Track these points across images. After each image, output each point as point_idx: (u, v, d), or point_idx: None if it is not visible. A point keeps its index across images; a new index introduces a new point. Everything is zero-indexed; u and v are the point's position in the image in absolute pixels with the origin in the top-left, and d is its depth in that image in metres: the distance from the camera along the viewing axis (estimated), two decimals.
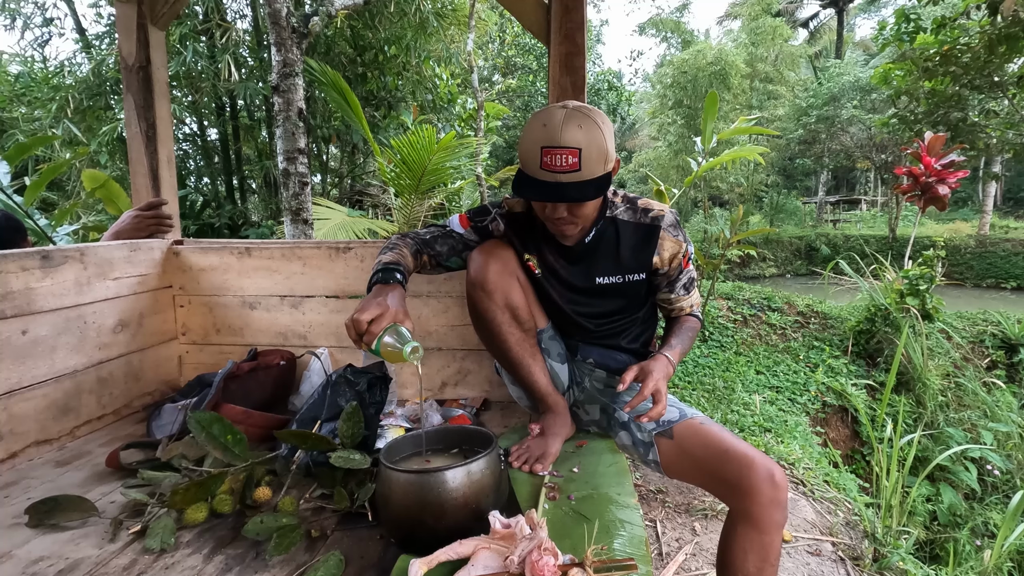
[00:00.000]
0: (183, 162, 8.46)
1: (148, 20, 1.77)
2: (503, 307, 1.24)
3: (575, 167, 1.05)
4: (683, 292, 1.35)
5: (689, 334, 1.36)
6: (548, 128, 1.06)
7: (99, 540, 0.97)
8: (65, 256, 1.40)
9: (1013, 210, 20.25)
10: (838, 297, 5.93)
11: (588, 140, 1.06)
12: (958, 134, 8.60)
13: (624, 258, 1.25)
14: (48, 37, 9.85)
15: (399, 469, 0.90)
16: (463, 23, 7.67)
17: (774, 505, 1.02)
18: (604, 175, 1.10)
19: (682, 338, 1.32)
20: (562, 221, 1.15)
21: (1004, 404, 3.86)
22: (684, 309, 1.37)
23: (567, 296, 1.31)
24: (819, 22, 23.99)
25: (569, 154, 1.04)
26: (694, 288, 1.38)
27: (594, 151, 1.06)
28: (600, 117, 1.10)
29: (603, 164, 1.09)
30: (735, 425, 3.21)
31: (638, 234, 1.25)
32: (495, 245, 1.28)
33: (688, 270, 1.34)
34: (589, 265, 1.27)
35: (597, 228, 1.24)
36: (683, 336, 1.33)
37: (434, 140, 4.49)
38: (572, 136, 1.05)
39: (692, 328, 1.37)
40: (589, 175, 1.07)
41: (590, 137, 1.06)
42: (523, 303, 1.28)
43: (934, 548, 2.95)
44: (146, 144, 1.81)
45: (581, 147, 1.05)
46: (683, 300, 1.37)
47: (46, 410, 1.36)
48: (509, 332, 1.26)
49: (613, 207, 1.26)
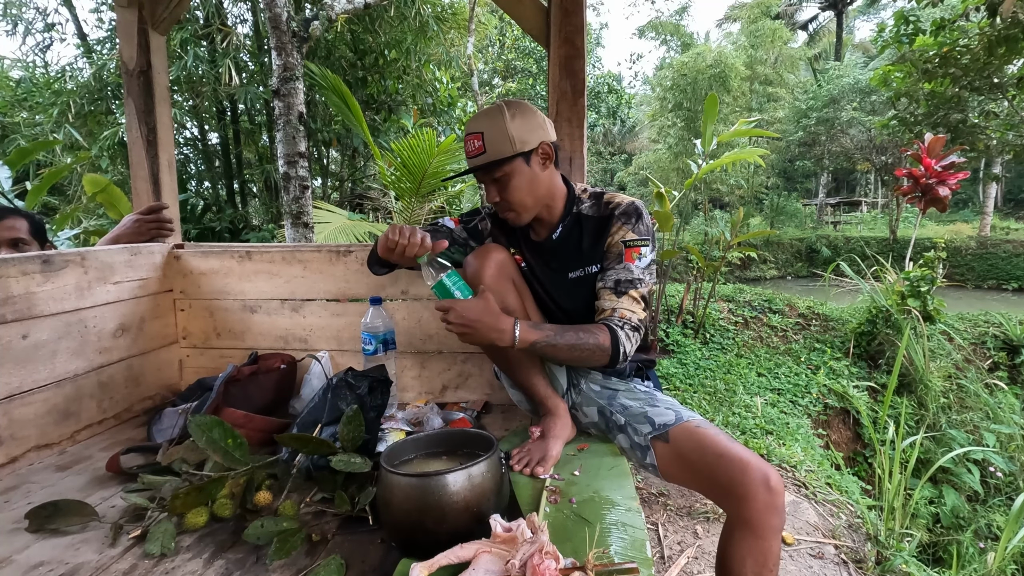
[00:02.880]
0: (184, 166, 8.47)
1: (149, 25, 1.78)
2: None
3: (480, 150, 1.20)
4: (611, 287, 1.22)
5: (579, 334, 1.15)
6: (469, 122, 1.24)
7: (99, 545, 0.97)
8: (66, 260, 1.40)
9: (1014, 211, 20.24)
10: (839, 299, 5.92)
11: (489, 125, 1.19)
12: (958, 136, 8.60)
13: (585, 251, 1.29)
14: (49, 42, 9.89)
15: (400, 473, 0.90)
16: (463, 27, 7.70)
17: (770, 510, 1.00)
18: (513, 155, 1.20)
19: (564, 330, 1.16)
20: (499, 207, 1.27)
21: (1006, 406, 3.85)
22: (604, 311, 1.21)
23: (548, 291, 1.35)
24: (818, 24, 24.04)
25: (474, 139, 1.21)
26: (628, 294, 1.21)
27: (495, 134, 1.19)
28: (515, 107, 1.21)
29: (508, 145, 1.19)
30: (736, 427, 3.20)
31: (598, 226, 1.28)
32: (490, 249, 1.30)
33: (628, 266, 1.22)
34: (560, 261, 1.31)
35: (564, 224, 1.31)
36: (567, 330, 1.16)
37: (434, 143, 4.50)
38: (475, 124, 1.21)
39: (588, 334, 1.16)
40: (495, 155, 1.19)
41: (492, 123, 1.19)
42: (519, 306, 1.29)
43: (937, 551, 2.94)
44: (147, 148, 1.81)
45: (483, 131, 1.20)
46: (607, 298, 1.22)
47: (47, 414, 1.36)
48: None
49: (580, 203, 1.32)
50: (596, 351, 1.16)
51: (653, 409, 1.21)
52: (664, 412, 1.19)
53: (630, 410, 1.25)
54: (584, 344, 1.15)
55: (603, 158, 23.90)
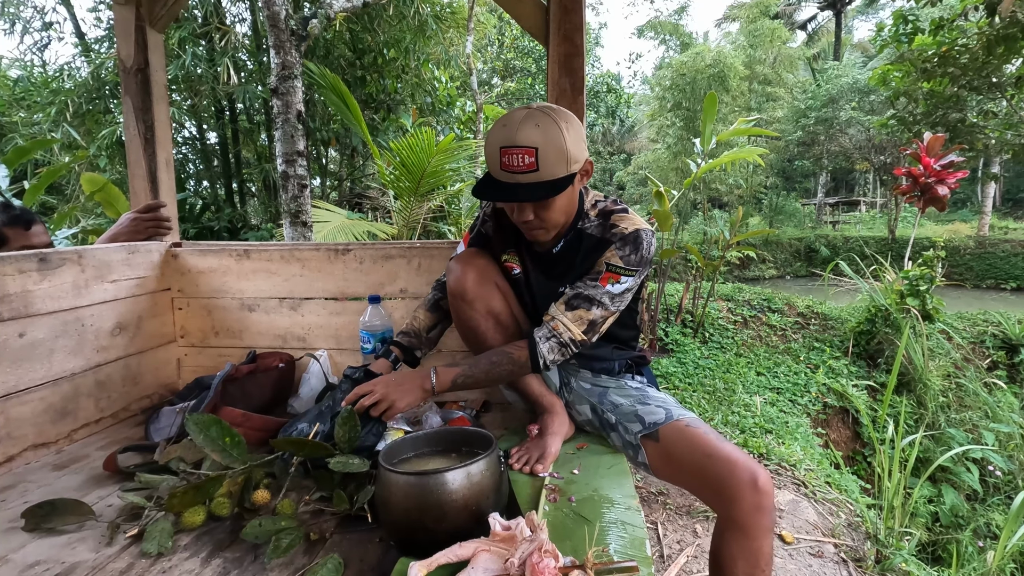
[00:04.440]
0: (183, 165, 8.46)
1: (146, 23, 1.77)
2: (485, 315, 1.25)
3: (532, 167, 1.04)
4: (566, 299, 1.18)
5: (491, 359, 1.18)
6: (507, 128, 1.06)
7: (96, 544, 0.96)
8: (63, 259, 1.40)
9: (1012, 211, 20.26)
10: (838, 298, 5.93)
11: (545, 140, 1.04)
12: (957, 135, 8.60)
13: (577, 268, 1.24)
14: (47, 41, 9.87)
15: (398, 471, 0.90)
16: (462, 26, 7.69)
17: (758, 511, 0.99)
18: (565, 177, 1.07)
19: (478, 361, 1.18)
20: (529, 225, 1.14)
21: (1005, 404, 3.85)
22: (547, 315, 1.20)
23: (536, 300, 1.32)
24: (817, 24, 24.05)
25: (525, 153, 1.03)
26: (577, 311, 1.16)
27: (551, 151, 1.04)
28: (564, 117, 1.08)
29: (564, 164, 1.06)
30: (735, 426, 3.20)
31: (596, 246, 1.22)
32: (472, 254, 1.29)
33: (597, 286, 1.16)
34: (556, 275, 1.27)
35: (566, 239, 1.24)
36: (480, 360, 1.18)
37: (433, 143, 4.50)
38: (528, 136, 1.03)
39: (501, 355, 1.17)
40: (547, 175, 1.05)
41: (547, 137, 1.04)
42: (504, 309, 1.28)
43: (936, 549, 2.94)
44: (144, 147, 1.80)
45: (537, 146, 1.03)
46: (557, 307, 1.19)
47: (43, 413, 1.35)
48: (493, 339, 1.26)
49: (586, 219, 1.24)
50: (514, 367, 1.18)
51: (643, 407, 1.20)
52: (655, 410, 1.18)
53: (620, 408, 1.24)
54: (500, 363, 1.18)
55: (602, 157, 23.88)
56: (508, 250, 1.34)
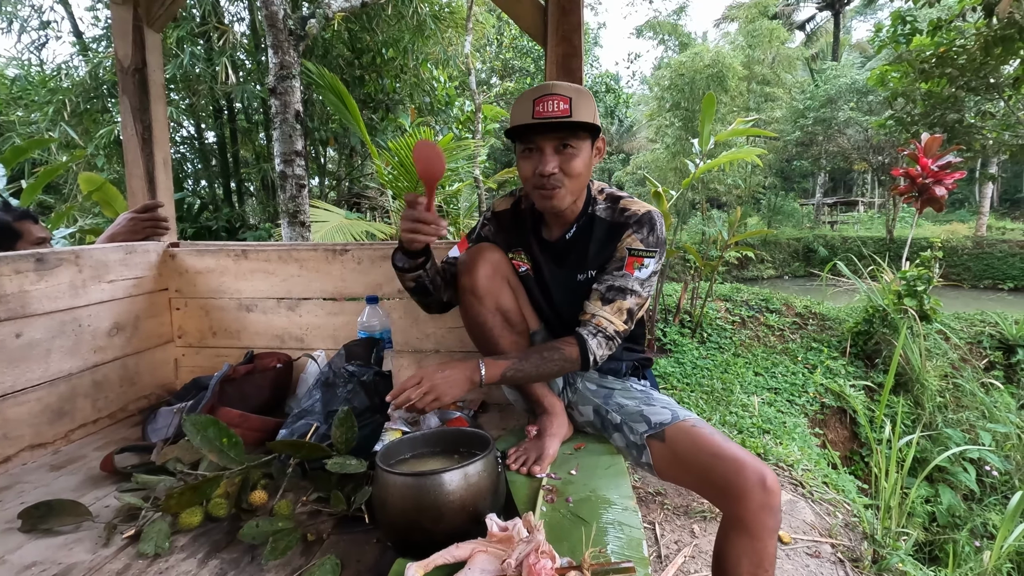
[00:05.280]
0: (181, 165, 8.45)
1: (144, 22, 1.77)
2: (494, 311, 1.25)
3: (566, 112, 1.11)
4: (600, 293, 1.20)
5: (542, 354, 1.15)
6: (540, 87, 1.15)
7: (93, 545, 0.96)
8: (60, 259, 1.39)
9: (1009, 211, 20.32)
10: (836, 298, 5.94)
11: (578, 93, 1.13)
12: (954, 135, 8.63)
13: (592, 255, 1.25)
14: (45, 40, 9.85)
15: (396, 472, 0.90)
16: (461, 26, 7.68)
17: (765, 510, 1.00)
18: (594, 126, 1.15)
19: (528, 355, 1.15)
20: (551, 181, 1.16)
21: (1002, 405, 3.86)
22: (584, 314, 1.20)
23: (551, 293, 1.32)
24: (816, 24, 24.07)
25: (560, 100, 1.11)
26: (614, 303, 1.18)
27: (583, 102, 1.13)
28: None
29: (592, 116, 1.15)
30: (733, 427, 3.21)
31: (610, 232, 1.24)
32: (484, 248, 1.28)
33: (626, 275, 1.19)
34: (570, 263, 1.28)
35: (578, 224, 1.26)
36: (531, 354, 1.15)
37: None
38: (563, 88, 1.13)
39: (553, 351, 1.16)
40: (581, 118, 1.12)
41: (579, 92, 1.14)
42: (514, 306, 1.28)
43: (933, 549, 2.94)
44: (142, 146, 1.80)
45: (571, 96, 1.12)
46: (592, 302, 1.20)
47: (40, 414, 1.35)
48: (501, 336, 1.26)
49: (595, 204, 1.27)
50: (565, 364, 1.16)
51: (649, 408, 1.21)
52: (660, 411, 1.19)
53: (626, 409, 1.24)
54: (551, 358, 1.16)
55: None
56: (513, 249, 1.34)
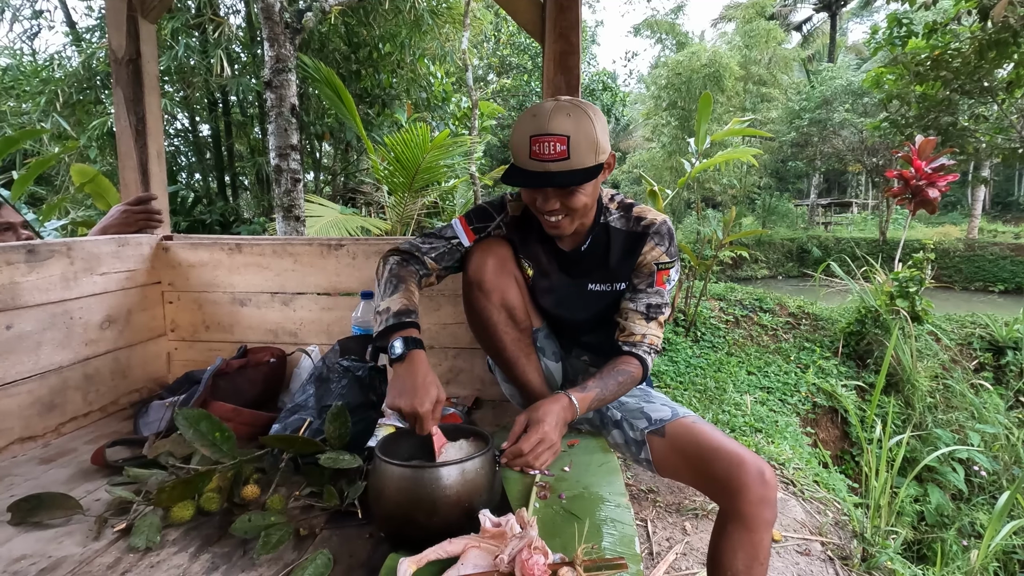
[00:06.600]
0: (175, 158, 8.38)
1: (138, 13, 1.75)
2: (500, 307, 1.24)
3: (563, 155, 1.04)
4: (641, 312, 1.23)
5: (618, 379, 1.17)
6: (537, 118, 1.07)
7: (83, 538, 0.96)
8: (51, 251, 1.38)
9: (1001, 214, 20.49)
10: (829, 299, 5.97)
11: (576, 128, 1.05)
12: (948, 138, 8.68)
13: (613, 266, 1.25)
14: (38, 30, 9.75)
15: (395, 463, 0.89)
16: (458, 21, 7.65)
17: (763, 503, 1.03)
18: (595, 166, 1.09)
19: (606, 382, 1.16)
20: (555, 214, 1.13)
21: (991, 406, 3.90)
22: (633, 335, 1.22)
23: (559, 299, 1.31)
24: (812, 26, 24.14)
25: (557, 141, 1.04)
26: (656, 319, 1.23)
27: (583, 139, 1.05)
28: (592, 110, 1.10)
29: (593, 154, 1.08)
30: (726, 425, 3.22)
31: (628, 242, 1.24)
32: (493, 243, 1.27)
33: (659, 290, 1.23)
34: (582, 272, 1.27)
35: (593, 235, 1.24)
36: (608, 380, 1.16)
37: (428, 138, 4.48)
38: (560, 124, 1.05)
39: (626, 375, 1.18)
40: (578, 164, 1.06)
41: (578, 126, 1.05)
42: (520, 303, 1.27)
43: (921, 548, 2.97)
44: (135, 138, 1.79)
45: (569, 135, 1.04)
46: (636, 322, 1.23)
47: (31, 406, 1.34)
48: (505, 332, 1.26)
49: (608, 213, 1.25)
50: (634, 383, 1.22)
51: (649, 405, 1.24)
52: (660, 408, 1.22)
53: (626, 406, 1.26)
54: (626, 383, 1.19)
55: None
56: (523, 256, 1.30)
